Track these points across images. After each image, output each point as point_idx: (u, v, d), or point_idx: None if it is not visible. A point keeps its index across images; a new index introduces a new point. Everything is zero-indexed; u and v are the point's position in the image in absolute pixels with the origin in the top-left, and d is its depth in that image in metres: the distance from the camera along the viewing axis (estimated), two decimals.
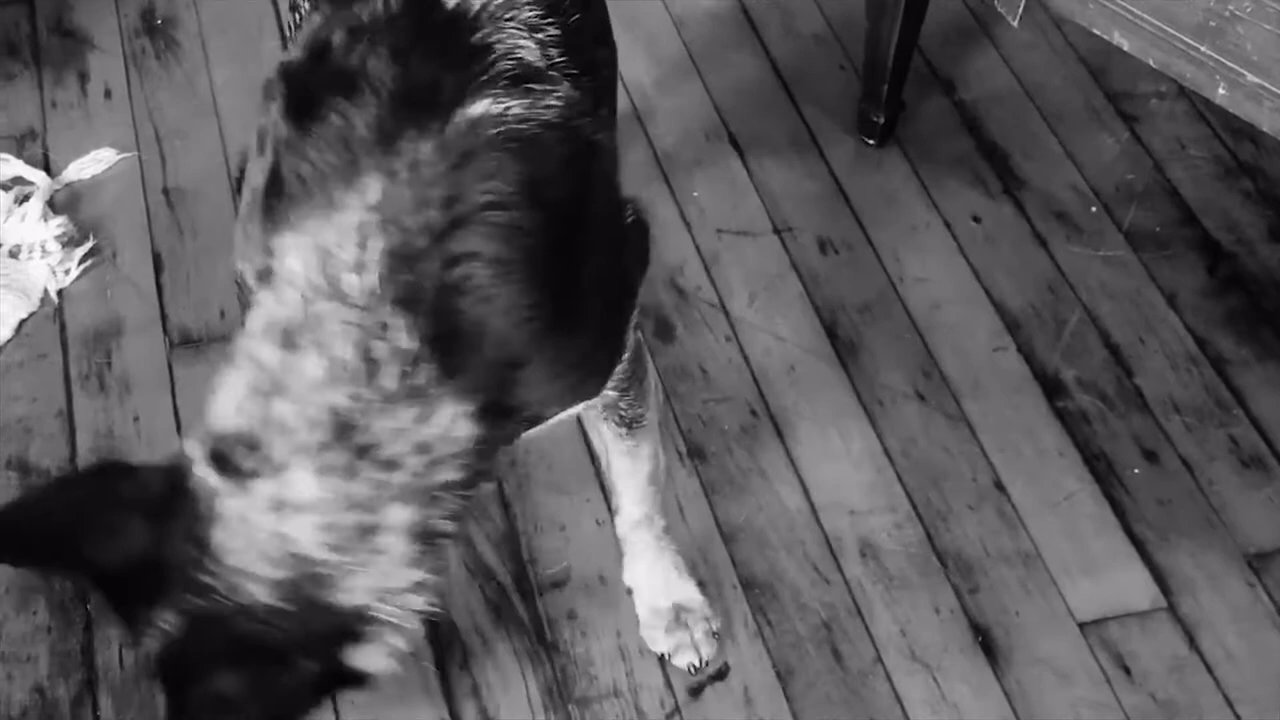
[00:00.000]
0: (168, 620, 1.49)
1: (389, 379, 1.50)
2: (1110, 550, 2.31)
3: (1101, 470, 2.40)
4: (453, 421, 1.53)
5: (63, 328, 2.51)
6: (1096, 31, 2.38)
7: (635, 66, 2.92)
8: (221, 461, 1.50)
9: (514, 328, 1.56)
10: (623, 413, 1.95)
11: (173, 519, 1.50)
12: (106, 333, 2.50)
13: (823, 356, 2.52)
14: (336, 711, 2.09)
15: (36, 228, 2.61)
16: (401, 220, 1.52)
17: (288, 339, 1.51)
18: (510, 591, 2.23)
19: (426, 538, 1.54)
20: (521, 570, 2.25)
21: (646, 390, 1.95)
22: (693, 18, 3.04)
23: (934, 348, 2.54)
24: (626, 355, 1.82)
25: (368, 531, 1.50)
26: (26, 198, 2.67)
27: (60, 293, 2.55)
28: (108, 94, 2.87)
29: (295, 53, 1.68)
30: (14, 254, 2.59)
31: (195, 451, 1.52)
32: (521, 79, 1.63)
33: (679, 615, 2.17)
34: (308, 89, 1.63)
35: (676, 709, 2.13)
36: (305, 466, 1.48)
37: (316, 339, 1.50)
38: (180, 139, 2.79)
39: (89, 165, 2.74)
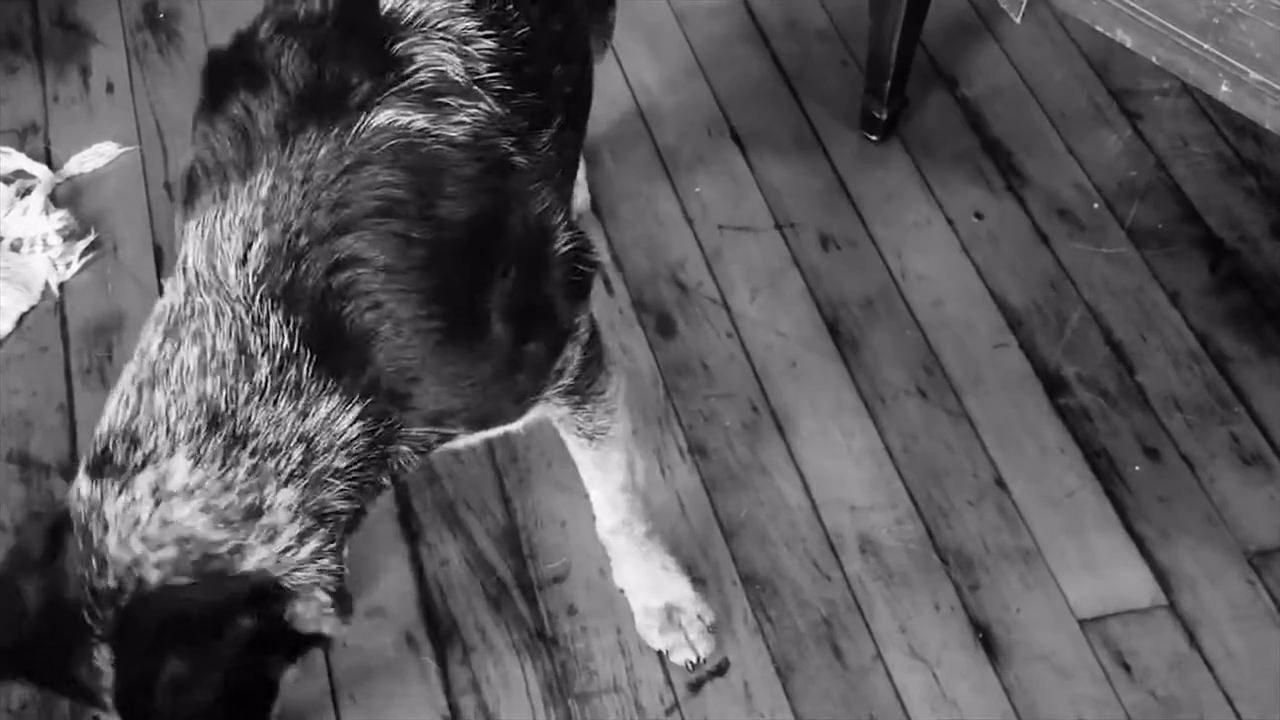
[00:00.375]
0: (102, 659, 1.50)
1: (262, 372, 1.53)
2: (1111, 547, 2.31)
3: (1102, 467, 2.39)
4: (334, 418, 1.56)
5: (64, 321, 2.51)
6: (1099, 28, 2.38)
7: (638, 63, 2.92)
8: (102, 466, 1.53)
9: (404, 338, 1.58)
10: (580, 426, 1.95)
11: (60, 559, 1.51)
12: (107, 326, 2.50)
13: (824, 353, 2.52)
14: (336, 707, 2.09)
15: (38, 221, 2.61)
16: (288, 218, 1.54)
17: (172, 328, 1.55)
18: (510, 587, 2.23)
19: (319, 515, 1.57)
20: (522, 565, 2.25)
21: (609, 403, 1.94)
22: (696, 14, 3.04)
23: (935, 344, 2.54)
24: (569, 370, 1.81)
25: (254, 511, 1.53)
26: (28, 191, 2.67)
27: (61, 286, 2.55)
28: (110, 88, 2.87)
29: (223, 42, 1.71)
30: (15, 247, 2.59)
31: (80, 472, 1.55)
32: (434, 93, 1.63)
33: (671, 614, 2.16)
34: (224, 80, 1.65)
35: (676, 704, 2.13)
36: (181, 454, 1.51)
37: (196, 329, 1.53)
38: (182, 133, 2.77)
39: (90, 159, 2.74)
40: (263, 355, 1.53)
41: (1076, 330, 2.57)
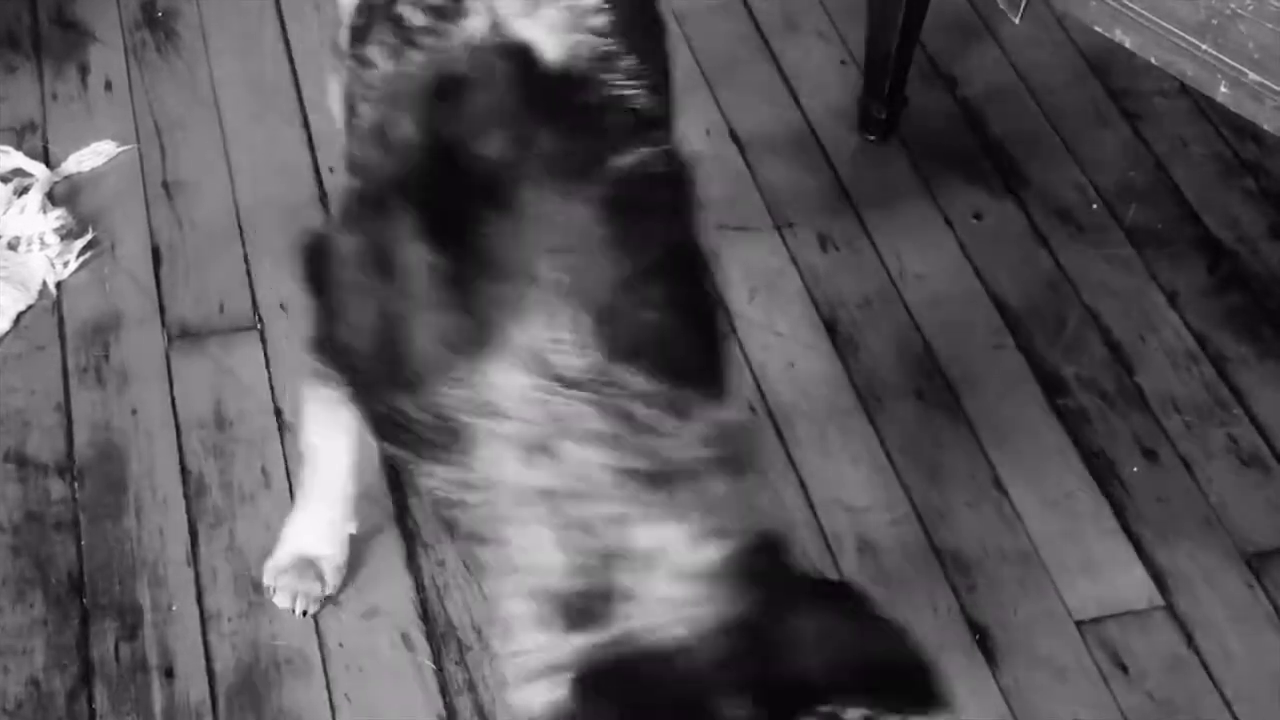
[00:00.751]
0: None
1: (653, 419, 1.51)
2: (1109, 549, 2.30)
3: (1100, 469, 2.39)
4: (701, 423, 1.55)
5: (61, 320, 2.50)
6: (1098, 29, 2.38)
7: None
8: (584, 613, 1.47)
9: (700, 355, 1.64)
10: None
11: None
12: (105, 325, 2.50)
13: (822, 353, 2.52)
14: (332, 707, 2.09)
15: (35, 220, 2.61)
16: (592, 290, 1.53)
17: (536, 456, 1.50)
18: None
19: None
20: None
21: None
22: (695, 13, 3.03)
23: (934, 345, 2.54)
24: None
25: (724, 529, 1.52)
26: (26, 190, 2.66)
27: (59, 285, 2.55)
28: (108, 86, 2.86)
29: (414, 155, 1.63)
30: (13, 246, 2.59)
31: (538, 621, 1.49)
32: (643, 124, 1.67)
33: None
34: (446, 203, 1.59)
35: None
36: (656, 527, 1.47)
37: (572, 433, 1.50)
38: (180, 132, 2.79)
39: (89, 157, 2.73)
40: (643, 408, 1.52)
41: (1075, 331, 2.57)
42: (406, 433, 1.60)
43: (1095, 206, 2.75)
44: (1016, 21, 2.49)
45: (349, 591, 2.19)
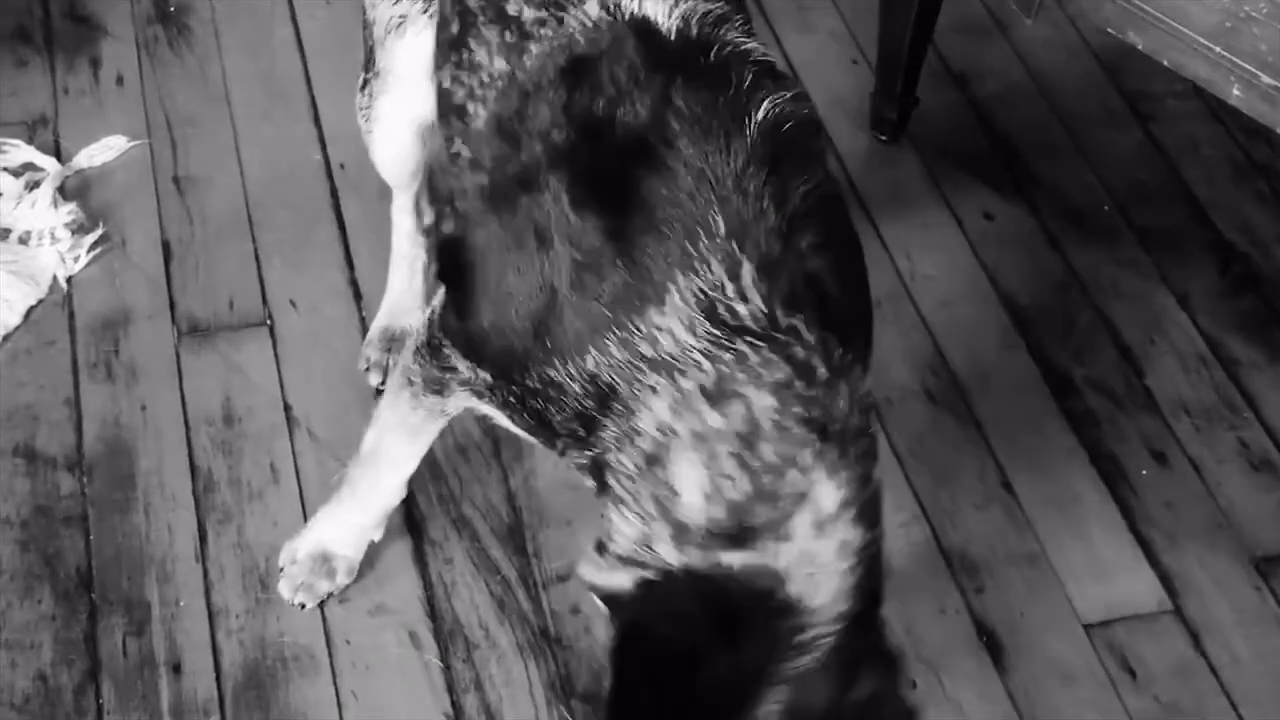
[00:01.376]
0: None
1: (821, 369, 1.57)
2: (1117, 552, 2.30)
3: (1109, 471, 2.39)
4: (861, 383, 1.62)
5: (71, 315, 2.51)
6: (1111, 31, 2.37)
7: None
8: (737, 538, 1.53)
9: (862, 299, 1.72)
10: None
11: (739, 623, 1.52)
12: (115, 320, 2.50)
13: None
14: (339, 705, 2.09)
15: (46, 214, 2.61)
16: (753, 235, 1.58)
17: (718, 400, 1.55)
18: (515, 585, 2.23)
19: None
20: (526, 564, 2.25)
21: None
22: None
23: (943, 346, 2.53)
24: None
25: (874, 503, 1.60)
26: (37, 184, 2.67)
27: (69, 280, 2.55)
28: (119, 81, 2.87)
29: (555, 136, 1.68)
30: (23, 240, 2.59)
31: (666, 554, 1.56)
32: (767, 74, 1.71)
33: None
34: (598, 167, 1.65)
35: None
36: (820, 478, 1.54)
37: (747, 377, 1.55)
38: (191, 127, 2.79)
39: (100, 152, 2.74)
40: (810, 357, 1.56)
41: (1085, 333, 2.56)
42: (554, 405, 1.67)
43: (1106, 208, 2.74)
44: (1029, 23, 2.49)
45: (357, 589, 2.19)
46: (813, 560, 1.53)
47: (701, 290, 1.57)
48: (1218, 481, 2.38)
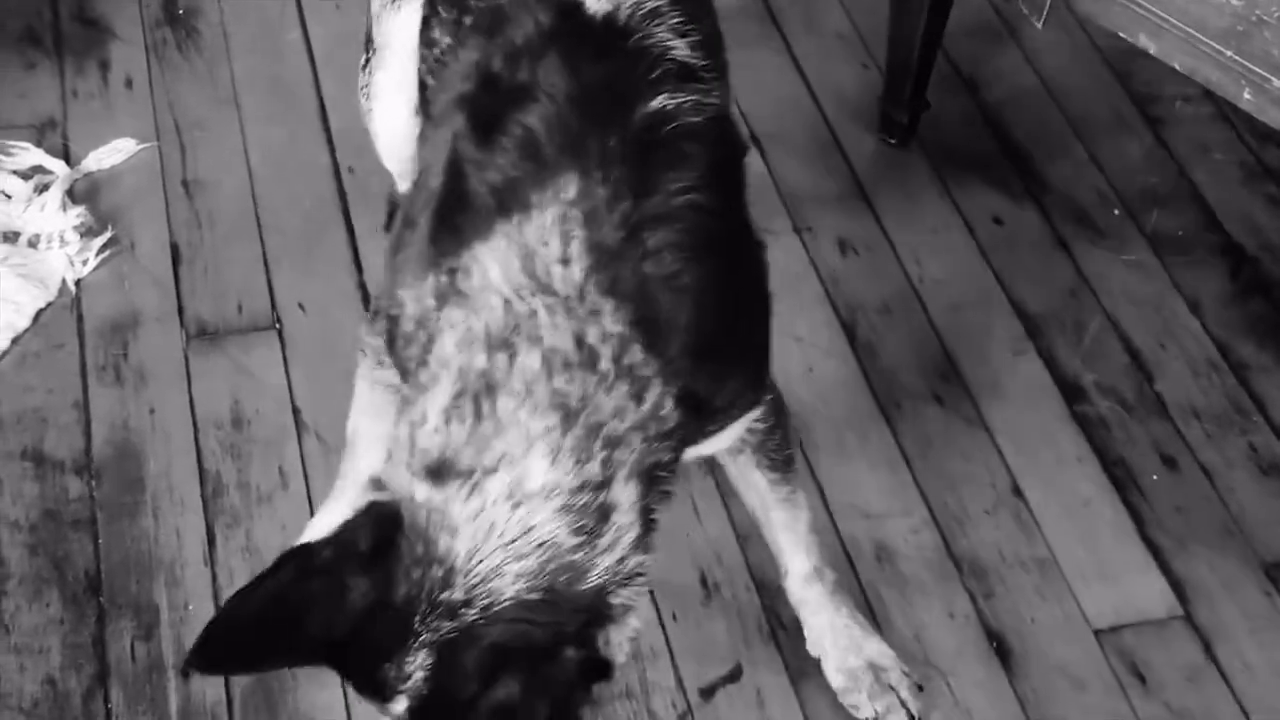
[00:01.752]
0: (416, 663, 1.46)
1: (605, 361, 1.54)
2: (1127, 557, 2.30)
3: (1120, 476, 2.38)
4: (661, 401, 1.57)
5: (80, 318, 2.50)
6: (1121, 34, 2.37)
7: None
8: (442, 474, 1.51)
9: (704, 313, 1.61)
10: (773, 454, 1.94)
11: (394, 558, 1.49)
12: (123, 324, 2.50)
13: (841, 358, 2.51)
14: (348, 709, 2.09)
15: (55, 217, 2.61)
16: (599, 212, 1.58)
17: (497, 342, 1.55)
18: None
19: (648, 520, 1.56)
20: None
21: (790, 430, 1.96)
22: None
23: (953, 350, 2.53)
24: (762, 401, 1.83)
25: (606, 511, 1.52)
26: (46, 187, 2.67)
27: (78, 283, 2.55)
28: (128, 83, 2.86)
29: (464, 85, 1.74)
30: (32, 243, 2.59)
31: (400, 480, 1.53)
32: (684, 76, 1.70)
33: (878, 675, 2.10)
34: (487, 109, 1.68)
35: (689, 710, 2.13)
36: (538, 453, 1.50)
37: (529, 334, 1.54)
38: (200, 130, 2.79)
39: (108, 155, 2.74)
40: (602, 344, 1.55)
41: (1095, 338, 2.56)
42: (395, 328, 1.69)
43: (1116, 212, 2.74)
44: (1039, 26, 2.48)
45: None
46: (491, 527, 1.48)
47: (528, 241, 1.57)
48: (1228, 487, 2.38)
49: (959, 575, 2.27)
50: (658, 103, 1.64)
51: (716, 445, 1.83)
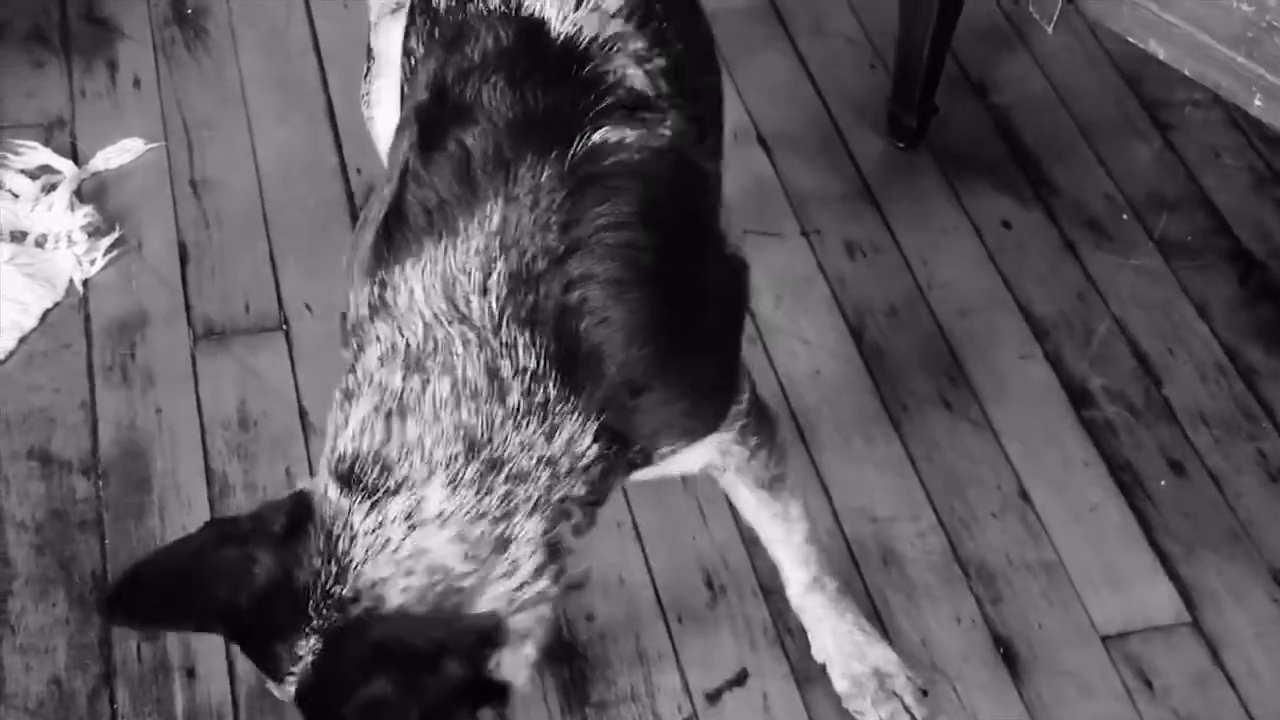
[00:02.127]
0: (306, 648, 1.51)
1: (514, 395, 1.55)
2: (1134, 563, 2.29)
3: (1127, 481, 2.38)
4: (576, 438, 1.58)
5: (87, 318, 2.50)
6: (1131, 39, 2.36)
7: None
8: (351, 482, 1.55)
9: (630, 349, 1.61)
10: (758, 475, 1.94)
11: (300, 545, 1.54)
12: (131, 324, 2.50)
13: (848, 360, 2.51)
14: None
15: (63, 217, 2.61)
16: (522, 244, 1.58)
17: (414, 364, 1.57)
18: None
19: (553, 550, 1.59)
20: None
21: (781, 449, 1.94)
22: (723, 15, 3.01)
23: (961, 354, 2.53)
24: (744, 399, 1.82)
25: (501, 542, 1.55)
26: (53, 186, 2.67)
27: (85, 283, 2.55)
28: (136, 83, 2.86)
29: (422, 94, 1.75)
30: (40, 243, 2.59)
31: (321, 478, 1.58)
32: (634, 107, 1.69)
33: (883, 681, 2.10)
34: (434, 122, 1.69)
35: (694, 714, 2.12)
36: (438, 481, 1.53)
37: (443, 361, 1.56)
38: (208, 130, 2.79)
39: (116, 155, 2.74)
40: (513, 378, 1.56)
41: (1103, 342, 2.55)
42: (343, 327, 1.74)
43: (1125, 217, 2.73)
44: (1049, 30, 2.47)
45: None
46: (386, 543, 1.52)
47: (451, 267, 1.58)
48: (1236, 492, 2.37)
49: (966, 579, 2.26)
50: (599, 136, 1.64)
51: (683, 466, 1.83)
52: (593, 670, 2.16)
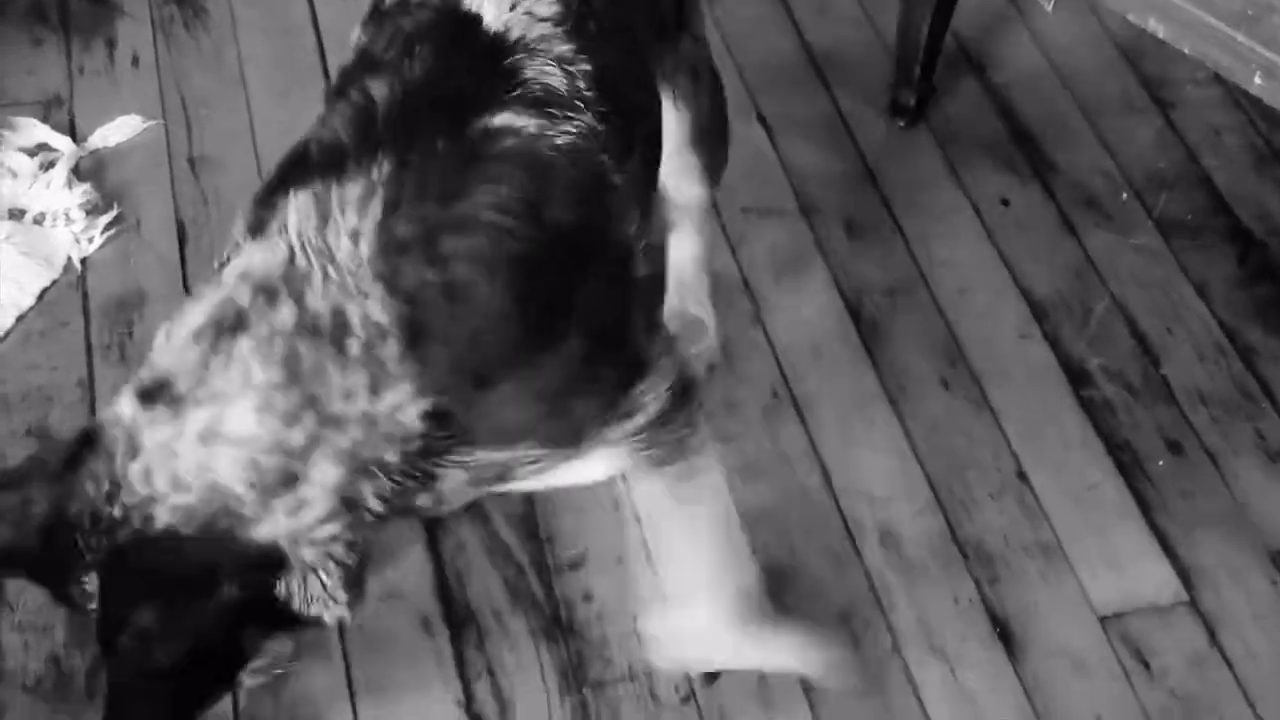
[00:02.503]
0: (91, 581, 1.52)
1: (354, 344, 1.54)
2: (1132, 543, 2.29)
3: (1125, 461, 2.38)
4: (403, 406, 1.55)
5: (85, 296, 2.50)
6: (1131, 18, 2.36)
7: None
8: (153, 395, 1.54)
9: (486, 335, 1.58)
10: (666, 490, 1.83)
11: (76, 475, 1.53)
12: (129, 302, 2.50)
13: (847, 340, 2.51)
14: (351, 690, 2.09)
15: (61, 195, 2.61)
16: (403, 204, 1.57)
17: (267, 285, 1.55)
18: (527, 572, 2.22)
19: (351, 504, 1.56)
20: (539, 550, 2.24)
21: (697, 470, 1.83)
22: None
23: (959, 333, 2.52)
24: (636, 424, 1.73)
25: (291, 479, 1.53)
26: (51, 164, 2.67)
27: (83, 261, 2.55)
28: (135, 61, 2.86)
29: (349, 64, 1.78)
30: (38, 221, 2.59)
31: (118, 402, 1.56)
32: (544, 103, 1.69)
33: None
34: (346, 76, 1.73)
35: (691, 694, 2.13)
36: (248, 402, 1.52)
37: (296, 290, 1.55)
38: (206, 108, 2.79)
39: (114, 132, 2.73)
40: (360, 326, 1.54)
41: (1102, 322, 2.55)
42: None
43: (1125, 196, 2.73)
44: (1049, 9, 2.47)
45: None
46: (170, 455, 1.50)
47: (331, 206, 1.58)
48: (1235, 473, 2.37)
49: (963, 560, 2.26)
50: (500, 120, 1.64)
51: (575, 478, 1.77)
52: (590, 650, 2.16)
